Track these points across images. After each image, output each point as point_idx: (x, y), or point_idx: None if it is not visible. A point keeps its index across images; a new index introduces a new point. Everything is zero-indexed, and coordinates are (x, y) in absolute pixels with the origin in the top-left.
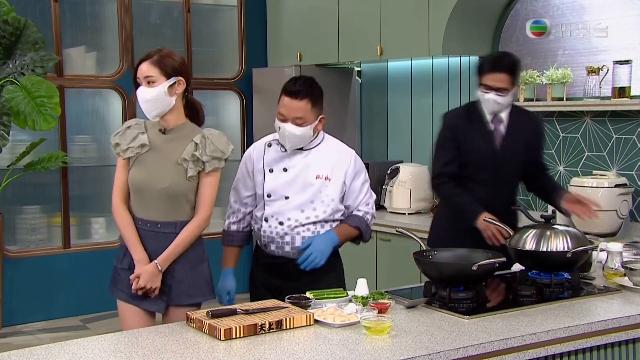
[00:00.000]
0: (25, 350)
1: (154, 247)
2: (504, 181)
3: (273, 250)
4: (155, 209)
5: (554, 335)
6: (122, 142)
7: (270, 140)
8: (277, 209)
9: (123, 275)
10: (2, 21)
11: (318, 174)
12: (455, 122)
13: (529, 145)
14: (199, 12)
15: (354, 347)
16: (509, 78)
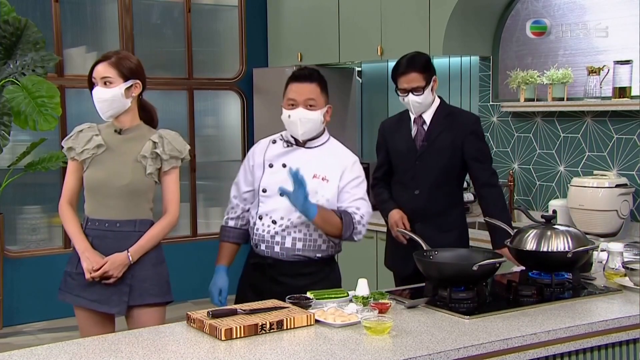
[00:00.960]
0: (26, 350)
1: (113, 246)
2: (425, 181)
3: (263, 250)
4: (114, 207)
5: (554, 336)
6: (75, 145)
7: (275, 137)
8: (272, 206)
9: (79, 280)
10: (3, 21)
11: (315, 173)
12: (384, 129)
13: (456, 145)
14: (200, 12)
15: (355, 347)
16: (420, 76)
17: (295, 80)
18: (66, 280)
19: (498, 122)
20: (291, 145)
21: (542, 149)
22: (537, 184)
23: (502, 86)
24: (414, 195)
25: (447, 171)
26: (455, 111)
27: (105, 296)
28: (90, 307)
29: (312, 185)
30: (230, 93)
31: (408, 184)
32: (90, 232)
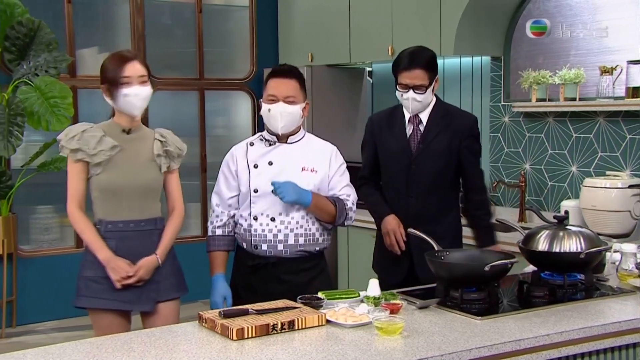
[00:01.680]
0: (40, 349)
1: (135, 245)
2: (420, 186)
3: (264, 250)
4: (133, 207)
5: (567, 337)
6: (84, 147)
7: (252, 139)
8: (266, 205)
9: (107, 283)
10: (17, 22)
11: (304, 166)
12: (374, 126)
13: (453, 147)
14: (211, 13)
15: (366, 347)
16: (425, 74)
17: (275, 76)
18: (89, 285)
19: (509, 123)
20: (273, 144)
21: (554, 150)
22: (548, 184)
23: (514, 86)
24: (408, 200)
25: (443, 175)
26: (452, 111)
27: (136, 295)
28: (122, 308)
29: (302, 177)
30: (240, 93)
31: (401, 188)
32: (110, 234)
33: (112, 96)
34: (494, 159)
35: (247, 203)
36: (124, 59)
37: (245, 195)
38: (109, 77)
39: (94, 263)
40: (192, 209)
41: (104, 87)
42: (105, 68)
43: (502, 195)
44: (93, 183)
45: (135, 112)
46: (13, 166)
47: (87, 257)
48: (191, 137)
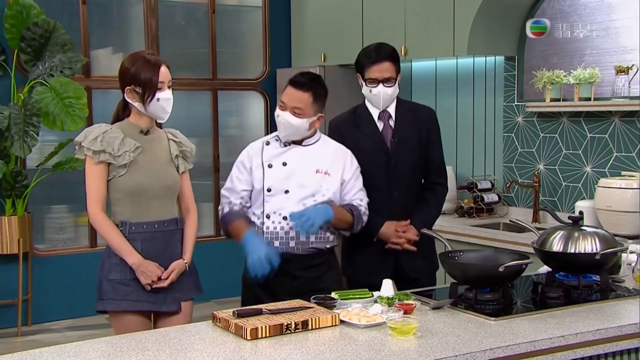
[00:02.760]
0: (56, 348)
1: (161, 246)
2: (400, 181)
3: (276, 246)
4: (158, 208)
5: (582, 338)
6: (108, 148)
7: (268, 138)
8: (279, 204)
9: (135, 285)
10: (33, 24)
11: (318, 168)
12: (340, 128)
13: (422, 139)
14: (224, 13)
15: (380, 347)
16: (392, 66)
17: (291, 84)
18: (117, 288)
19: (523, 123)
20: (288, 145)
21: (568, 150)
22: (563, 184)
23: (528, 86)
24: (392, 195)
25: (419, 166)
26: (413, 106)
27: (162, 296)
28: (151, 309)
29: (316, 179)
30: (253, 93)
31: (382, 185)
32: (135, 236)
33: (142, 100)
34: (507, 159)
35: (259, 201)
36: (158, 63)
37: (258, 193)
38: (143, 81)
39: (120, 265)
40: (205, 208)
41: (131, 89)
42: (137, 71)
43: (516, 195)
44: (116, 184)
45: (164, 116)
46: (28, 166)
47: (111, 260)
48: (204, 137)
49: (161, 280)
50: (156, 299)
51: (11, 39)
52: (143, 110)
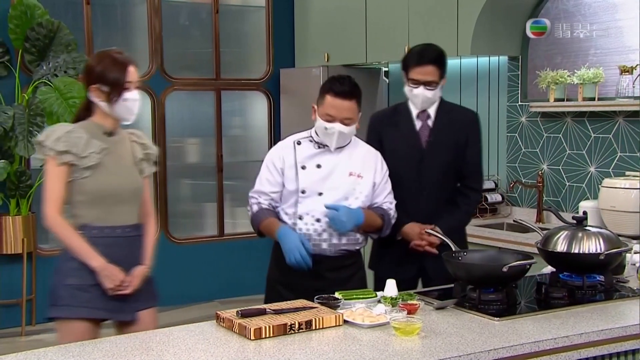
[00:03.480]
0: (61, 347)
1: (122, 252)
2: (430, 180)
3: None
4: (124, 212)
5: (587, 339)
6: (72, 149)
7: (299, 138)
8: (311, 205)
9: (95, 292)
10: (37, 24)
11: (351, 171)
12: (378, 124)
13: (460, 141)
14: (227, 13)
15: (384, 348)
16: (437, 70)
17: (335, 95)
18: (75, 294)
19: (527, 123)
20: (323, 147)
21: (572, 150)
22: (566, 184)
23: (531, 86)
24: (421, 196)
25: (452, 168)
26: (455, 108)
27: (119, 305)
28: (108, 317)
29: (349, 182)
30: (257, 93)
31: (412, 184)
32: (96, 240)
33: (109, 100)
34: (511, 159)
35: (292, 202)
36: (126, 62)
37: (291, 193)
38: (110, 80)
39: (80, 270)
40: (209, 209)
41: (97, 88)
42: (104, 70)
43: (520, 195)
44: (79, 187)
45: (130, 118)
46: (32, 166)
47: (69, 264)
48: (207, 137)
49: (125, 286)
50: (114, 307)
51: (15, 39)
52: (108, 111)
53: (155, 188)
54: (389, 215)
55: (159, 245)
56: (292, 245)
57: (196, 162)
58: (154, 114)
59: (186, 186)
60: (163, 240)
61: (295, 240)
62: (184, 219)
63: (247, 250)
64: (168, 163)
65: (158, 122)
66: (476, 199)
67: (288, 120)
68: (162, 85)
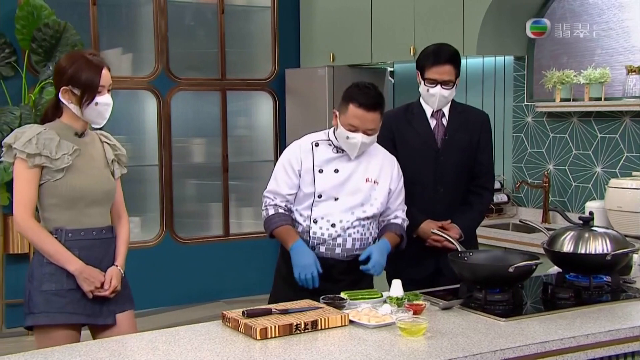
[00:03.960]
0: (68, 347)
1: (98, 255)
2: (447, 179)
3: (322, 252)
4: (97, 214)
5: (594, 339)
6: (44, 151)
7: (317, 140)
8: (327, 210)
9: (71, 296)
10: (43, 24)
11: (368, 177)
12: (391, 122)
13: (473, 141)
14: (233, 13)
15: (390, 348)
16: (453, 70)
17: (360, 106)
18: (50, 300)
19: (533, 123)
20: (341, 151)
21: (579, 150)
22: (573, 185)
23: (537, 86)
24: (437, 193)
25: (466, 168)
26: (467, 108)
27: (97, 308)
28: (87, 322)
29: (366, 188)
30: (262, 94)
31: (428, 182)
32: (73, 244)
33: (80, 103)
34: (517, 159)
35: (307, 204)
36: (99, 64)
37: (306, 196)
38: (83, 83)
39: (55, 275)
40: (214, 209)
41: (68, 90)
42: (77, 71)
43: (525, 195)
44: (51, 189)
45: (101, 122)
46: None
47: (43, 269)
48: (213, 137)
49: (103, 289)
50: (92, 312)
51: (22, 39)
52: (78, 114)
53: (160, 188)
54: (404, 229)
55: (165, 245)
56: (306, 262)
57: (201, 162)
58: (159, 114)
59: (191, 186)
60: (168, 240)
61: (310, 258)
62: (190, 219)
63: (252, 251)
64: (173, 163)
65: (163, 122)
66: (489, 198)
67: (293, 121)
68: (168, 86)
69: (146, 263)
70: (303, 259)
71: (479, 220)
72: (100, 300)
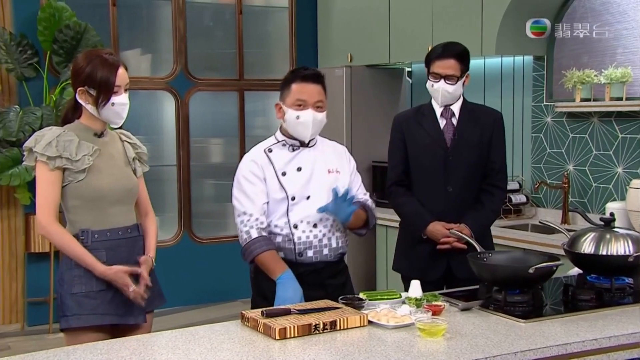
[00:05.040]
0: (89, 345)
1: (124, 255)
2: (457, 179)
3: (310, 256)
4: (121, 213)
5: (616, 342)
6: (64, 153)
7: (267, 146)
8: (303, 212)
9: (102, 297)
10: (64, 26)
11: (329, 168)
12: (402, 123)
13: (484, 140)
14: (251, 14)
15: (409, 349)
16: (458, 65)
17: (304, 80)
18: (82, 303)
19: (552, 123)
20: (297, 148)
21: (599, 150)
22: (593, 185)
23: (557, 86)
24: (446, 192)
25: (477, 167)
26: (478, 107)
27: (128, 308)
28: (119, 322)
29: (331, 180)
30: (279, 94)
31: (438, 181)
32: (98, 245)
33: (96, 103)
34: (536, 159)
35: (281, 212)
36: (115, 64)
37: (277, 203)
38: (98, 83)
39: (84, 277)
40: (232, 209)
41: (85, 90)
42: (93, 71)
43: (545, 196)
44: (73, 190)
45: (119, 122)
46: None
47: (73, 272)
48: (231, 138)
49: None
50: (124, 312)
51: (44, 41)
52: (95, 114)
53: (178, 188)
54: (369, 205)
55: (183, 244)
56: (292, 297)
57: (219, 162)
58: (177, 114)
59: (209, 186)
60: (186, 240)
61: (297, 294)
62: (207, 219)
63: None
64: (192, 163)
65: (182, 123)
66: (501, 197)
67: None
68: (186, 86)
69: (164, 263)
70: (289, 293)
71: (492, 219)
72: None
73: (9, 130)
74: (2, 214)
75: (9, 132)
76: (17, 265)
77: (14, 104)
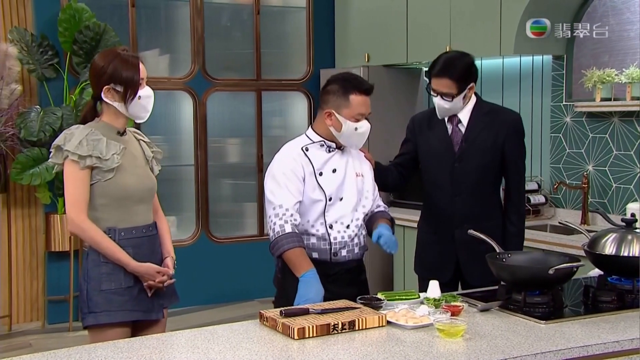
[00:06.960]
0: (110, 344)
1: (146, 253)
2: (465, 185)
3: (344, 256)
4: (143, 212)
5: (638, 344)
6: (94, 152)
7: (304, 144)
8: (338, 212)
9: (129, 294)
10: (84, 27)
11: (357, 171)
12: (415, 125)
13: (498, 144)
14: (268, 14)
15: (428, 349)
16: (454, 84)
17: (362, 93)
18: (111, 299)
19: (571, 123)
20: (333, 150)
21: (619, 150)
22: (613, 186)
23: (576, 86)
24: (454, 199)
25: (487, 172)
26: (495, 108)
27: (150, 304)
28: (144, 318)
29: (359, 183)
30: (297, 94)
31: (446, 187)
32: (125, 242)
33: (124, 99)
34: (555, 160)
35: (318, 212)
36: (135, 60)
37: (312, 203)
38: (125, 79)
39: (112, 274)
40: (249, 208)
41: (110, 88)
42: (116, 69)
43: (564, 197)
44: (101, 189)
45: (145, 116)
46: None
47: (100, 269)
48: (248, 138)
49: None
50: (147, 308)
51: (64, 42)
52: (123, 110)
53: (196, 188)
54: (390, 216)
55: (201, 244)
56: (313, 297)
57: (237, 162)
58: (195, 114)
59: (227, 186)
60: (204, 240)
61: (319, 294)
62: (225, 219)
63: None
64: (209, 163)
65: (199, 123)
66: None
67: None
68: (204, 86)
69: (182, 262)
70: (311, 292)
71: (521, 239)
72: (153, 295)
73: (30, 130)
74: (23, 213)
75: (30, 132)
76: (38, 263)
77: (34, 105)
